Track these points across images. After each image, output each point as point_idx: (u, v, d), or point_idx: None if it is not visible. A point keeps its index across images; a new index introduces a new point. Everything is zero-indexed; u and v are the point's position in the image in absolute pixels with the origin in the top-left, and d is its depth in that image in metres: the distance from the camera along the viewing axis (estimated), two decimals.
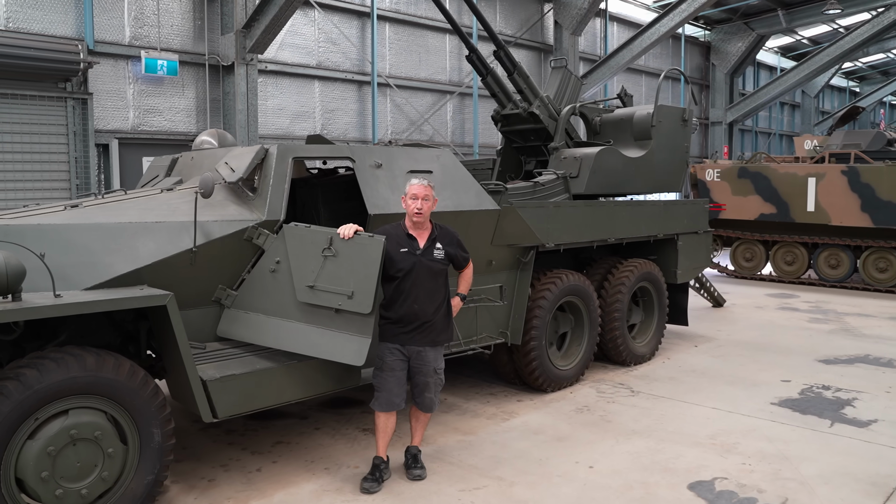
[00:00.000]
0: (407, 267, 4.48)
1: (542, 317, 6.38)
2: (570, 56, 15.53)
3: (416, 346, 4.56)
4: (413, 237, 4.57)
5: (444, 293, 4.65)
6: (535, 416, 6.02)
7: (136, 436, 4.02)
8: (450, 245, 4.66)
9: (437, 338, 4.62)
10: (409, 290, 4.50)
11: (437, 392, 4.73)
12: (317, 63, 12.09)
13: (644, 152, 7.79)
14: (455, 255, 4.69)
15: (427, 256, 4.54)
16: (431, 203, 4.58)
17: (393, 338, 4.56)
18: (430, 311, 4.55)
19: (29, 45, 8.23)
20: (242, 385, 4.28)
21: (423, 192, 4.51)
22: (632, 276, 7.43)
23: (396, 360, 4.56)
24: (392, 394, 4.58)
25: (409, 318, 4.51)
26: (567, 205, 6.59)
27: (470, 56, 7.93)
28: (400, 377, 4.59)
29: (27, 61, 8.17)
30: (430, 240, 4.59)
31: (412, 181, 4.58)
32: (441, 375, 4.70)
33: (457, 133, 14.74)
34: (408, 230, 4.57)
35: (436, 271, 4.56)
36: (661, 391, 6.68)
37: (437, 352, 4.65)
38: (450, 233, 4.73)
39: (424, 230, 4.61)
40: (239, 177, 4.73)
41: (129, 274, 4.18)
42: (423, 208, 4.50)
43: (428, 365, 4.60)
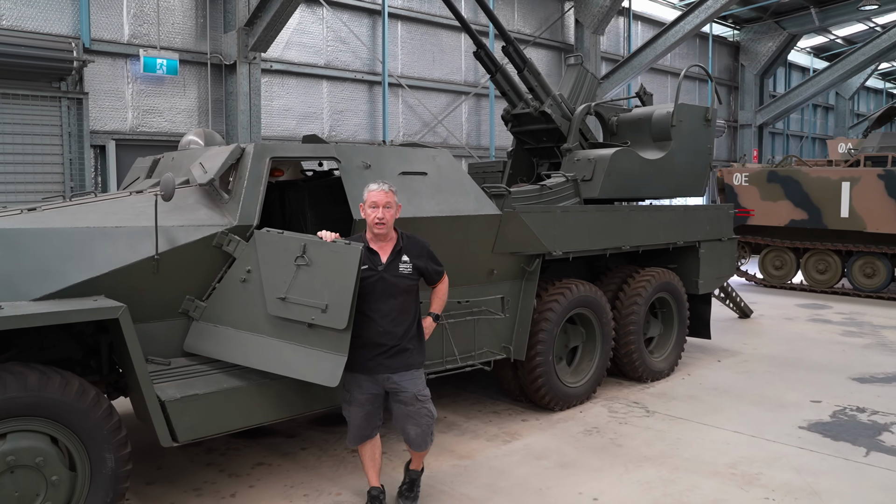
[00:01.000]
0: (369, 286, 3.96)
1: (549, 330, 5.92)
2: (592, 56, 15.03)
3: (386, 374, 4.03)
4: (374, 251, 4.05)
5: (414, 312, 4.09)
6: (540, 438, 5.56)
7: (87, 462, 3.65)
8: (418, 257, 4.09)
9: (408, 360, 4.04)
10: (373, 312, 3.98)
11: (428, 424, 4.12)
12: (325, 62, 11.74)
13: (663, 154, 7.31)
14: (425, 269, 4.12)
15: (391, 272, 4.01)
16: (395, 210, 4.04)
17: (359, 367, 4.02)
18: (398, 334, 3.99)
19: (20, 43, 7.99)
20: (206, 406, 3.89)
21: (384, 198, 3.98)
22: (649, 286, 6.94)
23: (365, 394, 4.06)
24: (361, 429, 4.13)
25: (374, 343, 4.00)
26: (576, 209, 6.13)
27: (478, 52, 7.51)
28: (370, 412, 4.11)
29: (18, 59, 7.93)
30: (395, 252, 4.05)
31: (370, 186, 4.04)
32: (427, 405, 4.07)
33: (472, 135, 14.29)
34: (368, 243, 4.06)
35: (402, 288, 4.00)
36: (678, 411, 6.17)
37: (415, 375, 4.05)
38: (419, 243, 4.16)
39: (388, 241, 4.07)
40: (209, 178, 4.35)
41: (84, 283, 3.82)
42: (384, 217, 3.97)
43: (407, 392, 4.04)
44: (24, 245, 3.77)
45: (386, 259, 4.03)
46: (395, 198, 4.05)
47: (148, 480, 4.79)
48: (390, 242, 4.07)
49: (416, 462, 4.38)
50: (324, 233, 4.01)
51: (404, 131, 12.95)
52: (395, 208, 4.05)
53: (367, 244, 4.02)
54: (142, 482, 4.76)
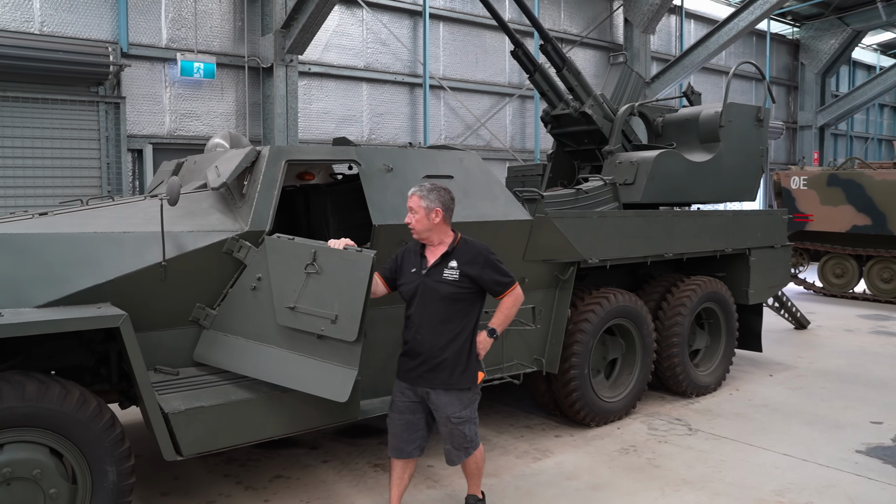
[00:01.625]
0: (412, 289, 3.84)
1: (585, 342, 5.62)
2: (641, 56, 14.55)
3: (425, 387, 3.84)
4: (424, 255, 3.91)
5: (463, 325, 3.80)
6: (572, 456, 5.26)
7: (88, 474, 3.53)
8: (471, 264, 3.79)
9: (449, 379, 3.78)
10: (414, 317, 3.85)
11: (461, 443, 3.90)
12: (365, 65, 11.60)
13: (711, 156, 6.94)
14: (480, 278, 3.80)
15: (434, 276, 3.81)
16: (423, 215, 3.81)
17: (403, 374, 3.92)
18: (438, 345, 3.77)
19: (58, 49, 8.06)
20: (212, 419, 3.73)
21: (409, 203, 3.85)
22: (694, 295, 6.55)
23: (406, 401, 3.91)
24: (400, 440, 3.94)
25: (414, 350, 3.84)
26: (614, 215, 5.80)
27: (515, 51, 7.27)
28: (410, 421, 3.92)
29: (57, 65, 8.00)
30: (442, 256, 3.84)
31: (412, 189, 3.93)
32: (462, 427, 3.83)
33: (517, 138, 13.98)
34: (423, 247, 3.94)
35: (444, 295, 3.77)
36: (723, 430, 5.78)
37: (452, 397, 3.80)
38: (476, 249, 3.85)
39: (437, 246, 3.89)
40: (222, 182, 4.20)
41: (90, 290, 3.70)
42: (411, 223, 3.83)
43: (440, 412, 3.84)
44: (30, 250, 3.67)
45: (431, 263, 3.84)
46: (426, 202, 3.81)
47: (163, 491, 4.67)
48: (441, 246, 3.88)
49: (471, 484, 4.15)
50: (339, 240, 3.81)
51: (446, 134, 12.73)
52: (424, 213, 3.80)
53: (422, 249, 3.90)
54: (157, 493, 4.65)
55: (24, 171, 8.21)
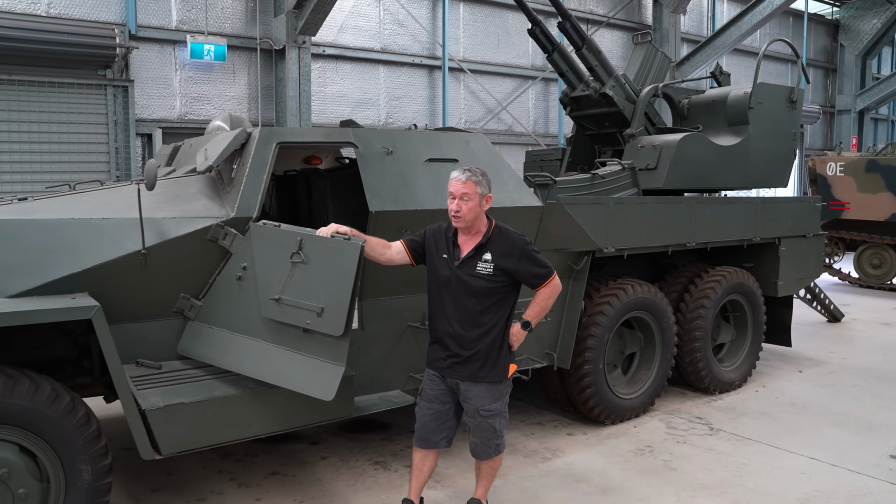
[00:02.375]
0: (443, 279, 3.63)
1: (600, 336, 5.32)
2: (671, 37, 14.02)
3: (455, 378, 3.67)
4: (457, 244, 3.66)
5: (495, 318, 3.62)
6: (584, 456, 4.98)
7: (61, 473, 3.35)
8: (506, 256, 3.59)
9: (479, 372, 3.62)
10: (444, 308, 3.64)
11: (490, 437, 3.72)
12: (382, 47, 11.29)
13: (739, 140, 6.57)
14: (516, 270, 3.60)
15: (466, 270, 3.59)
16: (476, 202, 3.56)
17: (432, 363, 3.74)
18: (471, 338, 3.59)
19: (64, 31, 7.90)
20: (193, 416, 3.53)
21: (461, 189, 3.54)
22: (719, 287, 6.20)
23: (436, 390, 3.73)
24: (427, 430, 3.76)
25: (445, 342, 3.66)
26: (632, 201, 5.48)
27: (533, 30, 6.94)
28: (439, 411, 3.73)
29: (62, 47, 7.85)
30: (476, 249, 3.61)
31: (452, 174, 3.64)
32: (491, 420, 3.67)
33: (539, 122, 13.58)
34: (456, 234, 3.69)
35: (477, 290, 3.57)
36: (747, 430, 5.45)
37: (483, 389, 3.64)
38: (510, 240, 3.64)
39: (473, 235, 3.65)
40: (208, 165, 3.97)
41: (67, 279, 3.51)
42: (461, 210, 3.55)
43: (469, 404, 3.68)
44: (4, 237, 3.49)
45: (464, 255, 3.61)
46: (481, 188, 3.59)
47: (154, 487, 4.50)
48: (476, 236, 3.65)
49: (479, 487, 3.92)
50: (327, 227, 3.56)
51: (466, 118, 12.40)
52: (478, 199, 3.58)
53: (454, 235, 3.67)
54: (147, 488, 4.48)
55: (32, 155, 8.10)
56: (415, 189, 4.33)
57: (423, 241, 3.74)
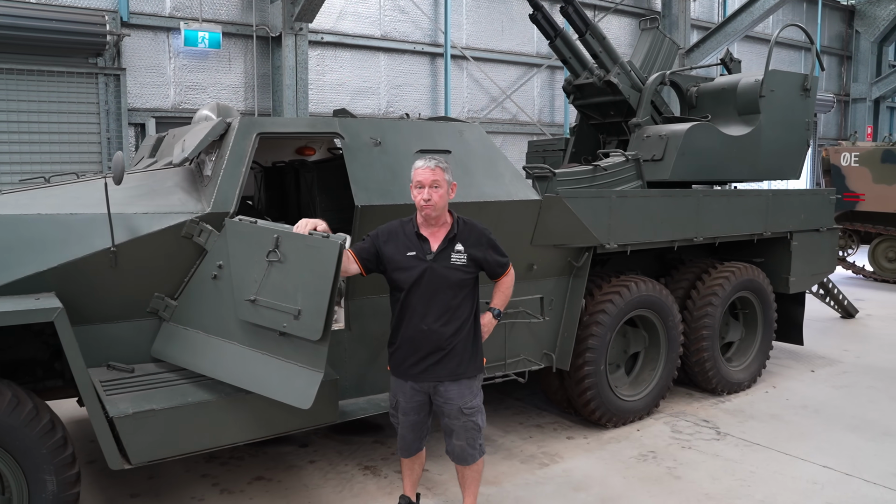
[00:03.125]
0: (414, 276, 3.43)
1: (601, 335, 5.09)
2: (681, 23, 13.67)
3: (432, 382, 3.50)
4: (424, 238, 3.48)
5: (469, 310, 3.52)
6: (584, 462, 4.76)
7: (23, 484, 3.17)
8: (476, 246, 3.51)
9: (457, 369, 3.49)
10: (417, 307, 3.44)
11: (475, 437, 3.58)
12: (382, 34, 11.01)
13: (750, 129, 6.31)
14: (484, 260, 3.54)
15: (442, 262, 3.44)
16: (446, 190, 3.44)
17: (403, 373, 3.54)
18: (447, 334, 3.45)
19: (52, 18, 7.69)
20: (164, 423, 3.33)
21: (431, 176, 3.38)
22: (727, 283, 5.95)
23: (411, 403, 3.57)
24: (406, 440, 3.69)
25: (419, 342, 3.46)
26: (636, 194, 5.22)
27: (534, 15, 6.67)
28: (416, 421, 3.63)
29: (51, 34, 7.63)
30: (448, 240, 3.48)
31: (416, 163, 3.47)
32: (474, 418, 3.55)
33: (545, 111, 13.28)
34: (419, 228, 3.50)
35: (454, 282, 3.45)
36: (756, 435, 5.21)
37: (463, 386, 3.52)
38: (477, 230, 3.57)
39: (440, 227, 3.51)
40: (183, 157, 3.76)
41: (32, 277, 3.32)
42: (432, 199, 3.38)
43: (451, 404, 3.51)
44: None
45: (437, 247, 3.45)
46: (448, 175, 3.46)
47: (133, 492, 4.32)
48: (443, 228, 3.50)
49: (467, 497, 3.73)
50: (304, 222, 3.34)
51: (469, 107, 12.12)
52: (447, 187, 3.45)
53: (418, 230, 3.48)
54: (126, 493, 4.31)
55: (21, 146, 7.91)
56: (404, 182, 4.09)
57: (375, 245, 3.51)
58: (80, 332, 3.44)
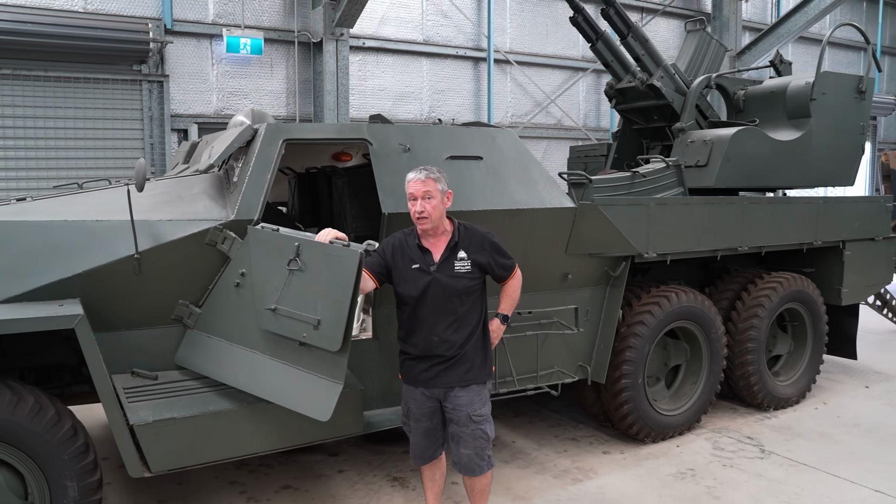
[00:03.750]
0: (420, 288, 3.38)
1: (639, 347, 4.92)
2: (731, 25, 13.27)
3: (442, 388, 3.45)
4: (426, 249, 3.43)
5: (477, 316, 3.48)
6: (619, 478, 4.60)
7: (45, 490, 3.18)
8: (479, 251, 3.46)
9: (467, 374, 3.45)
10: (426, 318, 3.40)
11: (484, 447, 3.51)
12: (425, 38, 10.94)
13: (800, 134, 6.06)
14: (488, 264, 3.48)
15: (446, 271, 3.39)
16: (440, 200, 3.39)
17: (413, 379, 3.50)
18: (457, 342, 3.41)
19: (98, 27, 7.85)
20: (185, 432, 3.31)
21: (422, 188, 3.35)
22: (774, 294, 5.70)
23: (422, 409, 3.52)
24: (420, 448, 3.61)
25: (430, 351, 3.42)
26: (676, 202, 5.04)
27: (575, 17, 6.53)
28: (428, 428, 3.56)
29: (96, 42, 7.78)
30: (449, 248, 3.42)
31: (408, 176, 3.44)
32: (482, 426, 3.48)
33: (591, 116, 13.05)
34: (420, 240, 3.46)
35: (460, 290, 3.40)
36: (802, 454, 4.96)
37: (472, 392, 3.46)
38: (478, 234, 3.50)
39: (440, 237, 3.45)
40: (209, 164, 3.75)
41: (57, 284, 3.34)
42: (425, 210, 3.34)
43: (459, 411, 3.45)
44: None
45: (439, 257, 3.40)
46: (441, 185, 3.39)
47: (162, 497, 4.33)
48: (444, 237, 3.45)
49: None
50: (326, 231, 3.28)
51: (512, 112, 11.97)
52: (441, 197, 3.39)
53: (419, 241, 3.44)
54: (155, 499, 4.31)
55: (67, 151, 8.09)
56: None
57: (385, 259, 3.46)
58: (105, 339, 3.46)
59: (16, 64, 7.82)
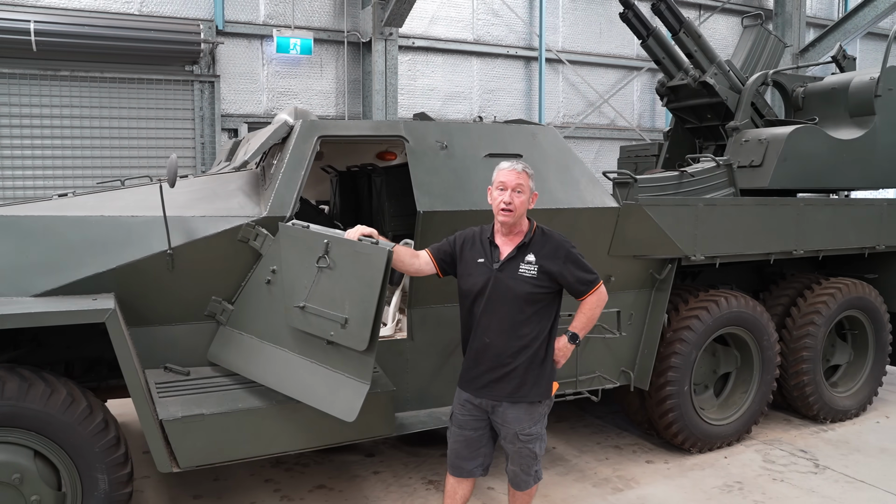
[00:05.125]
0: (479, 284, 3.22)
1: (686, 354, 4.73)
2: (795, 21, 12.77)
3: (489, 399, 3.26)
4: (496, 244, 3.27)
5: (538, 329, 3.22)
6: (661, 489, 4.43)
7: (77, 481, 3.21)
8: (551, 258, 3.21)
9: (517, 392, 3.22)
10: (480, 318, 3.23)
11: (530, 464, 3.33)
12: (475, 38, 10.86)
13: (863, 132, 5.78)
14: (560, 275, 3.21)
15: (508, 272, 3.19)
16: (528, 197, 3.22)
17: (464, 383, 3.34)
18: (508, 353, 3.19)
19: (151, 28, 8.04)
20: (213, 428, 3.30)
21: (515, 180, 3.17)
22: (832, 301, 5.43)
23: (466, 416, 3.34)
24: (458, 456, 3.39)
25: (480, 355, 3.25)
26: (726, 203, 4.83)
27: (625, 13, 6.35)
28: (470, 438, 3.35)
29: (150, 44, 7.98)
30: (518, 249, 3.23)
31: (500, 165, 3.27)
32: (531, 445, 3.28)
33: (645, 115, 12.75)
34: (493, 235, 3.30)
35: (520, 295, 3.17)
36: (860, 471, 4.70)
37: (522, 411, 3.24)
38: (555, 241, 3.27)
39: (515, 235, 3.27)
40: (243, 160, 3.74)
41: (92, 278, 3.37)
42: (513, 202, 3.16)
43: (507, 427, 3.26)
44: (33, 234, 3.39)
45: (505, 255, 3.22)
46: (532, 183, 3.25)
47: (196, 493, 4.36)
48: (518, 236, 3.27)
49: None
50: (357, 228, 3.23)
51: (564, 112, 11.78)
52: (529, 195, 3.24)
53: (492, 236, 3.28)
54: (189, 494, 4.34)
55: (121, 150, 8.32)
56: (470, 188, 3.94)
57: (454, 248, 3.33)
58: (140, 334, 3.49)
59: (74, 66, 8.07)
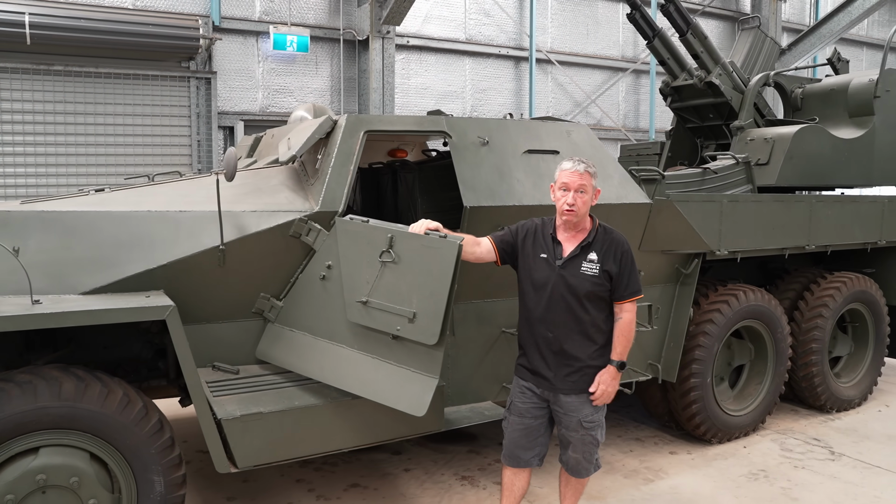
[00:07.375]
0: (542, 280, 3.24)
1: (708, 346, 4.84)
2: (771, 25, 13.09)
3: (551, 391, 3.28)
4: (558, 241, 3.28)
5: (597, 326, 3.25)
6: (690, 478, 4.51)
7: (132, 484, 3.14)
8: (612, 259, 3.24)
9: (579, 382, 3.26)
10: (542, 311, 3.24)
11: (593, 452, 3.36)
12: (467, 37, 10.90)
13: (862, 132, 5.97)
14: (617, 274, 3.23)
15: (571, 269, 3.22)
16: (590, 196, 3.25)
17: (525, 373, 3.36)
18: (573, 347, 3.23)
19: (148, 23, 7.88)
20: (272, 427, 3.26)
21: (579, 181, 3.19)
22: (838, 294, 5.60)
23: (528, 403, 3.35)
24: (517, 447, 3.38)
25: (542, 348, 3.27)
26: (748, 199, 4.95)
27: (632, 14, 6.44)
28: (530, 426, 3.36)
29: (146, 39, 7.82)
30: (581, 247, 3.25)
31: (563, 164, 3.29)
32: (594, 432, 3.31)
33: (630, 116, 12.94)
34: (555, 231, 3.31)
35: (582, 293, 3.20)
36: (874, 456, 4.86)
37: (584, 399, 3.27)
38: (616, 241, 3.30)
39: (577, 232, 3.28)
40: (291, 155, 3.70)
41: (140, 275, 3.30)
42: (576, 204, 3.18)
43: (570, 416, 3.29)
44: (78, 230, 3.31)
45: (568, 253, 3.24)
46: (595, 181, 3.26)
47: (230, 495, 4.29)
48: (580, 234, 3.29)
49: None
50: (421, 222, 3.22)
51: (553, 111, 11.89)
52: (592, 193, 3.26)
53: (554, 232, 3.30)
54: (222, 496, 4.28)
55: (116, 147, 8.13)
56: (512, 183, 3.96)
57: (515, 239, 3.35)
58: (187, 332, 3.42)
59: (67, 60, 7.86)
